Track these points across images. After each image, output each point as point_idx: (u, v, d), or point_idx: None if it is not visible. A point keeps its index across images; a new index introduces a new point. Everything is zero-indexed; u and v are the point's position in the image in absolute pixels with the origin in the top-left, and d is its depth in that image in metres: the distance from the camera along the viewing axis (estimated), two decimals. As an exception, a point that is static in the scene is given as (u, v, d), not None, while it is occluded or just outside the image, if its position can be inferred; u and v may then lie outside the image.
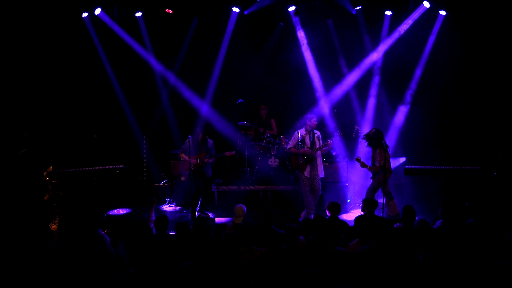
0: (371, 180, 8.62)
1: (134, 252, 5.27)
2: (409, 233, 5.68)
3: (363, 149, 9.99)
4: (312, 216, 8.37)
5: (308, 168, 8.43)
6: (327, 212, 6.62)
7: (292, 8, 10.34)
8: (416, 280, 4.84)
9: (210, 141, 8.81)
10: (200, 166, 8.63)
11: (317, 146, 8.43)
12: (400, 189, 9.90)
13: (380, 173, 8.30)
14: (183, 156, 8.69)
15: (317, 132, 8.61)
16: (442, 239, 5.38)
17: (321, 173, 8.51)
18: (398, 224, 6.06)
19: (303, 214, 8.65)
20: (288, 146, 8.68)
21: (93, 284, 4.61)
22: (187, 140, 8.55)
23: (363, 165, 8.38)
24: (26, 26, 9.76)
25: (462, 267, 4.93)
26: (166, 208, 9.64)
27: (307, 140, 8.46)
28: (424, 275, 4.86)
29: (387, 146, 8.11)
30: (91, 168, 9.36)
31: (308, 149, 8.40)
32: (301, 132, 8.50)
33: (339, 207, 6.55)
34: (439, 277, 4.82)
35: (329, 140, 8.46)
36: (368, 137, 8.43)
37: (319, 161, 8.52)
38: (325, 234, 5.26)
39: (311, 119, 8.48)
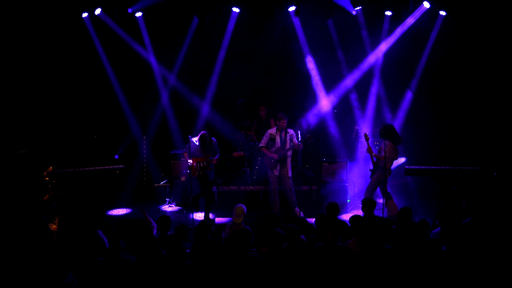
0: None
1: (135, 252, 5.28)
2: (402, 233, 5.69)
3: (363, 149, 10.02)
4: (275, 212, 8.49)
5: (278, 167, 8.57)
6: (325, 212, 6.61)
7: (292, 8, 10.34)
8: (415, 279, 4.85)
9: (214, 140, 8.69)
10: (206, 168, 8.55)
11: (288, 145, 8.50)
12: (400, 189, 9.90)
13: (378, 171, 8.32)
14: (187, 157, 8.58)
15: (291, 131, 8.67)
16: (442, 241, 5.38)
17: (289, 172, 8.64)
18: (393, 226, 6.07)
19: (297, 210, 8.67)
20: (260, 145, 8.83)
21: (92, 284, 4.62)
22: (190, 142, 8.49)
23: (369, 149, 8.44)
24: (26, 26, 9.76)
25: (461, 267, 4.94)
26: (166, 208, 9.64)
27: (277, 139, 8.54)
28: (424, 274, 4.87)
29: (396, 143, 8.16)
30: (91, 168, 9.37)
31: (274, 153, 8.51)
32: (272, 131, 8.66)
33: (337, 207, 6.53)
34: (438, 276, 4.83)
35: (299, 143, 8.49)
36: (380, 133, 8.58)
37: (288, 160, 8.63)
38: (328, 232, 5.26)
39: (280, 119, 8.52)
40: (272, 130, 8.71)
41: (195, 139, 8.51)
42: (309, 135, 8.59)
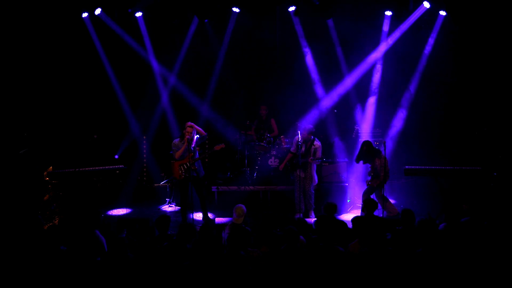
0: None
1: (135, 251, 5.28)
2: (410, 235, 5.69)
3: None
4: (299, 215, 8.56)
5: (298, 170, 8.58)
6: (323, 212, 6.62)
7: (292, 8, 10.34)
8: (418, 281, 4.85)
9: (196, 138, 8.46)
10: (191, 169, 8.27)
11: (310, 157, 8.53)
12: (400, 189, 9.91)
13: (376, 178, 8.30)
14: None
15: (317, 144, 8.64)
16: (445, 240, 5.37)
17: (314, 180, 8.67)
18: (398, 227, 6.06)
19: (311, 215, 8.68)
20: (292, 149, 8.85)
21: (93, 284, 4.62)
22: (175, 141, 8.41)
23: (370, 184, 8.38)
24: (26, 26, 9.76)
25: (463, 267, 4.94)
26: (166, 208, 9.64)
27: (303, 149, 8.54)
28: (425, 275, 4.87)
29: (383, 155, 8.10)
30: (91, 168, 9.37)
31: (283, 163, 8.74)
32: (299, 138, 8.62)
33: (335, 207, 6.54)
34: (440, 277, 4.83)
35: (316, 159, 8.57)
36: (362, 156, 8.43)
37: (311, 168, 8.64)
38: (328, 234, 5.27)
39: (304, 130, 8.58)
40: (300, 138, 8.64)
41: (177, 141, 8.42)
42: (357, 127, 8.67)
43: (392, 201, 8.81)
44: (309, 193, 8.72)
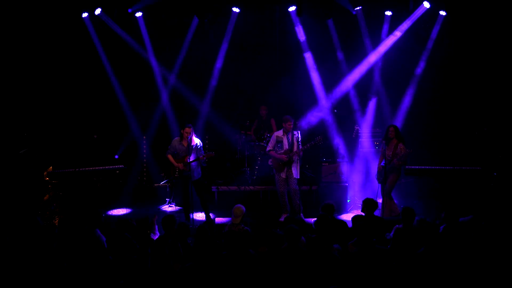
0: (371, 181, 8.62)
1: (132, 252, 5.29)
2: (409, 233, 5.70)
3: (363, 149, 10.03)
4: (285, 215, 8.39)
5: (285, 169, 8.45)
6: (321, 212, 6.61)
7: (292, 8, 10.34)
8: (415, 280, 4.85)
9: (195, 142, 8.45)
10: (184, 170, 8.31)
11: (295, 148, 8.37)
12: (400, 189, 9.89)
13: (393, 173, 8.30)
14: (170, 158, 8.44)
15: (296, 134, 8.50)
16: (446, 241, 5.38)
17: (296, 174, 8.40)
18: (398, 225, 6.06)
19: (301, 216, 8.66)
20: (268, 149, 8.69)
21: (91, 284, 4.63)
22: (173, 140, 8.44)
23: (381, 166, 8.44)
24: (26, 26, 9.77)
25: (461, 267, 4.95)
26: (166, 208, 9.64)
27: (285, 142, 8.46)
28: (423, 274, 4.87)
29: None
30: (91, 168, 9.37)
31: (284, 155, 8.37)
32: (278, 134, 8.53)
33: (333, 207, 6.54)
34: (438, 276, 4.84)
35: (300, 149, 8.35)
36: (392, 135, 8.46)
37: (297, 163, 8.47)
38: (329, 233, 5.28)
39: (286, 122, 8.42)
40: (279, 133, 8.58)
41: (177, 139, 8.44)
42: (320, 137, 8.42)
43: (392, 201, 8.80)
44: (296, 191, 8.44)
